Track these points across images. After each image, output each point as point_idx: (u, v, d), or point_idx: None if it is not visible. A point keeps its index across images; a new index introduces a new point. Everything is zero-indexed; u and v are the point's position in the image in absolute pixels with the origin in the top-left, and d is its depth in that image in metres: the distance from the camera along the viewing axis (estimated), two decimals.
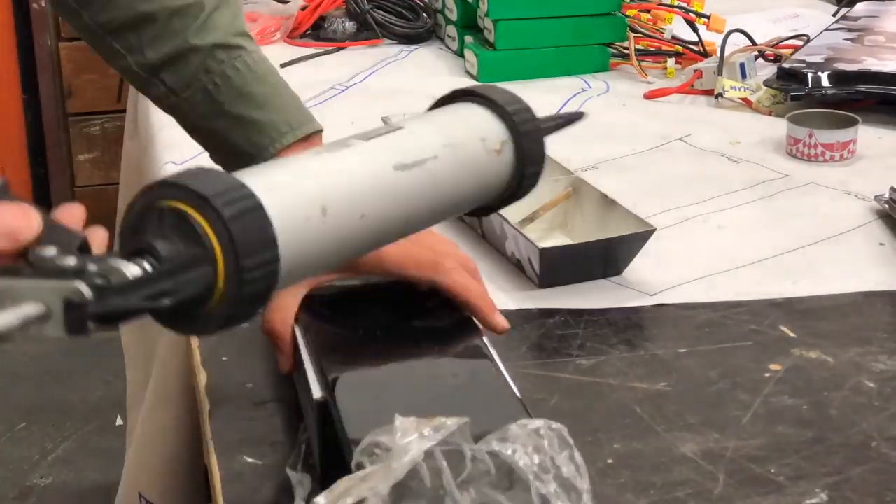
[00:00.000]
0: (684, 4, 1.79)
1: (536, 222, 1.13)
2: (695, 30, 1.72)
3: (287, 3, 1.92)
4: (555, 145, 1.42)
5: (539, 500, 0.61)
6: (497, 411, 0.70)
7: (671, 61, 1.69)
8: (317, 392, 0.75)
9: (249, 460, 0.80)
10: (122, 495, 1.25)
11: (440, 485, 0.61)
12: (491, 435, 0.64)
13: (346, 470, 0.64)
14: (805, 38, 1.69)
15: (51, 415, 2.61)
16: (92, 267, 0.54)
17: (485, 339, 0.82)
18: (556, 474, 0.62)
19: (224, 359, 0.93)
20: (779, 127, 1.42)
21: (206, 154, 1.00)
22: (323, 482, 0.73)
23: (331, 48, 1.83)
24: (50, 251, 0.55)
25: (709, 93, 1.59)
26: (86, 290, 0.53)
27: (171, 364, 1.05)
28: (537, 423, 0.64)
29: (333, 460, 0.72)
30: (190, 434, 1.07)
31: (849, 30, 1.68)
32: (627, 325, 1.00)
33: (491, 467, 0.62)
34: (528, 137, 0.74)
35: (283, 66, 1.74)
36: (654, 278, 1.07)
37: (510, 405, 0.73)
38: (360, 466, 0.63)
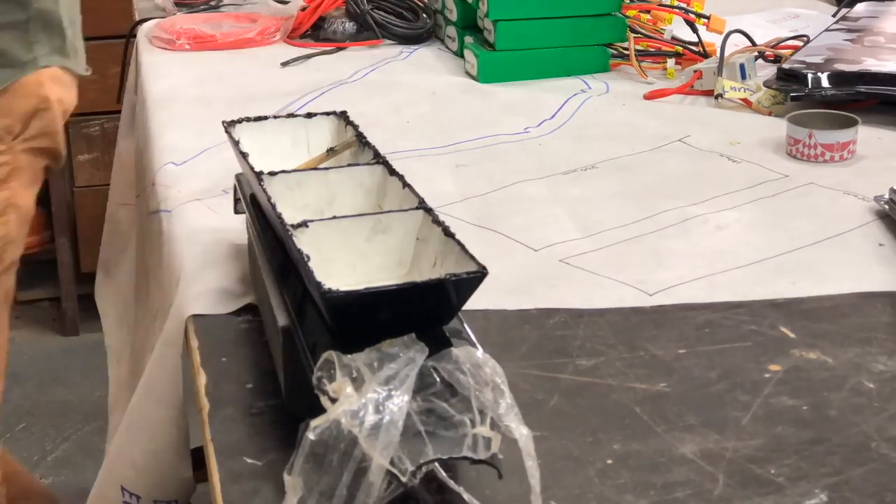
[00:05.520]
0: (684, 5, 1.79)
1: None
2: (694, 30, 1.73)
3: (287, 3, 1.92)
4: (555, 144, 1.43)
5: (477, 403, 0.70)
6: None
7: (671, 62, 1.69)
8: (282, 320, 0.82)
9: (249, 461, 0.80)
10: (99, 489, 1.24)
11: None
12: (437, 355, 0.73)
13: (308, 390, 0.72)
14: (805, 38, 1.69)
15: (51, 415, 2.61)
16: None
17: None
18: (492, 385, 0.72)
19: (224, 359, 0.93)
20: (779, 127, 1.42)
21: (205, 154, 0.99)
22: (288, 406, 0.83)
23: (331, 48, 1.83)
24: None
25: (709, 93, 1.59)
26: None
27: (166, 361, 1.05)
28: (478, 351, 0.74)
29: (296, 384, 0.80)
30: (177, 429, 1.07)
31: (848, 30, 1.68)
32: (627, 325, 1.00)
33: (437, 380, 0.72)
34: None
35: (282, 65, 1.74)
36: (653, 278, 1.07)
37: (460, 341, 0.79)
38: (319, 381, 0.71)
